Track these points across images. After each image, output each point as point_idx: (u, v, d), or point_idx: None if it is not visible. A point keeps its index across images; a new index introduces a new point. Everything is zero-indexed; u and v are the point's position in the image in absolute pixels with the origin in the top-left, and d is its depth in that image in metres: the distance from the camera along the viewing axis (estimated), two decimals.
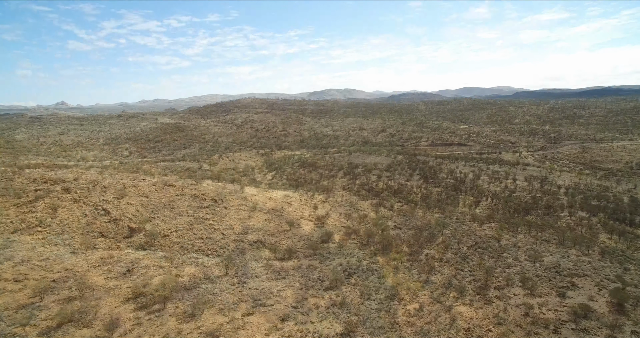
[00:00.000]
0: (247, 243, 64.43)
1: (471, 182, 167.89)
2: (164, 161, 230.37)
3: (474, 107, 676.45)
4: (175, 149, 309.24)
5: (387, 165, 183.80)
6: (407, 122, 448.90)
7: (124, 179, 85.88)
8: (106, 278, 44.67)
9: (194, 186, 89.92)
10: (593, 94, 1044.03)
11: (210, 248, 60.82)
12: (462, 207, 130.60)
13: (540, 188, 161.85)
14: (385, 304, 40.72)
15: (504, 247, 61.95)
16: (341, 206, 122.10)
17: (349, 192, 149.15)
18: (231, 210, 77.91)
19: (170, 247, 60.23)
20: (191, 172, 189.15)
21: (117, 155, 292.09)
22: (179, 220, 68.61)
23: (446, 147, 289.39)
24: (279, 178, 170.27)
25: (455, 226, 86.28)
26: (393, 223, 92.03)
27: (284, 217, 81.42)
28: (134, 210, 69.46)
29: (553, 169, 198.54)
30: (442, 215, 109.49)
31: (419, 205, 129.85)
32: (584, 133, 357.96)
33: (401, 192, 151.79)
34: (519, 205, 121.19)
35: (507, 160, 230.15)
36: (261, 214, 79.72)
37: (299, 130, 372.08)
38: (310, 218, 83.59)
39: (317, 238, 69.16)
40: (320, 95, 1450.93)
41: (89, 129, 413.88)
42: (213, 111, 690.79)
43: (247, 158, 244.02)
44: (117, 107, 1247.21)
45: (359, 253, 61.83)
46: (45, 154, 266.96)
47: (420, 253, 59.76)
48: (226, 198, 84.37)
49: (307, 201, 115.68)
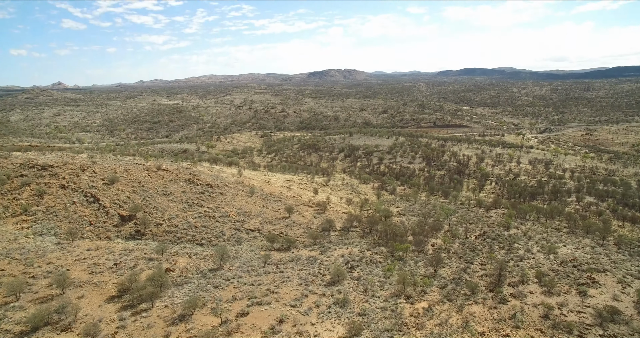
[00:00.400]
0: (244, 231, 61.26)
1: (474, 165, 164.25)
2: (161, 143, 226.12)
3: (476, 88, 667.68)
4: (173, 130, 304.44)
5: (388, 147, 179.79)
6: (409, 103, 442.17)
7: (115, 164, 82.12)
8: (91, 273, 41.51)
9: (189, 170, 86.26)
10: (597, 75, 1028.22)
11: (204, 238, 57.64)
12: (465, 191, 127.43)
13: (545, 171, 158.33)
14: (392, 302, 37.65)
15: (514, 236, 58.75)
16: (342, 190, 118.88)
17: (350, 175, 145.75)
18: (227, 196, 74.49)
19: (163, 236, 57.02)
20: (188, 154, 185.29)
21: (114, 137, 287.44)
22: (172, 208, 65.24)
23: (448, 128, 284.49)
24: (278, 161, 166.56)
25: (461, 212, 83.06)
26: (396, 208, 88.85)
27: (283, 203, 78.13)
28: (125, 196, 66.00)
29: (558, 152, 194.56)
30: (446, 200, 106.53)
31: (421, 189, 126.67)
32: (588, 115, 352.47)
33: (403, 175, 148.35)
34: (524, 190, 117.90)
35: (511, 143, 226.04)
36: (259, 200, 76.36)
37: (299, 111, 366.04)
38: (310, 204, 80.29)
39: (318, 226, 65.98)
40: (320, 75, 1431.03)
41: (86, 110, 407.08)
42: (212, 92, 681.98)
43: (246, 139, 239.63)
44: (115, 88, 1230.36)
45: (361, 242, 58.72)
46: (40, 136, 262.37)
47: (426, 243, 56.61)
48: (222, 183, 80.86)
49: (307, 185, 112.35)
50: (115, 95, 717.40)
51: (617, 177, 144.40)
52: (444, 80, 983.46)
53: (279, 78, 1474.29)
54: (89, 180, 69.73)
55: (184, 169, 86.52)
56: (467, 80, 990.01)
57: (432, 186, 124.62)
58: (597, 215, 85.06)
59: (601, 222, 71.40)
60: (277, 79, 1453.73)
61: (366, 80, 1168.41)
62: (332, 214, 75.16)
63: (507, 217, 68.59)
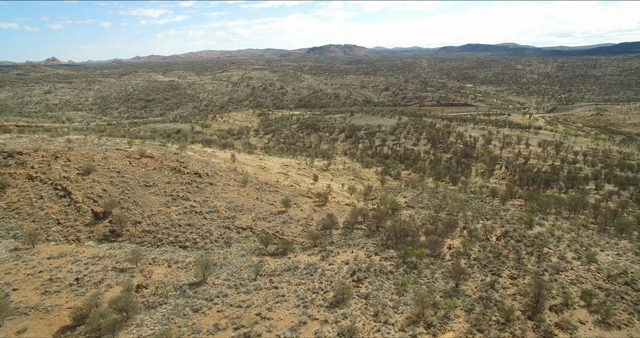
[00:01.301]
0: (234, 230, 54.07)
1: (482, 147, 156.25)
2: (155, 122, 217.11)
3: (479, 65, 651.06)
4: (168, 108, 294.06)
5: (391, 128, 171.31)
6: (411, 80, 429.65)
7: (94, 150, 74.13)
8: (44, 294, 34.40)
9: (177, 156, 78.40)
10: (603, 51, 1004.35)
11: (189, 239, 50.50)
12: (474, 176, 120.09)
13: (556, 154, 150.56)
14: (409, 332, 30.78)
15: (541, 237, 51.68)
16: (343, 175, 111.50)
17: (352, 158, 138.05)
18: (218, 187, 66.99)
19: (141, 237, 49.85)
20: (182, 135, 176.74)
21: (106, 116, 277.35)
22: (154, 202, 57.83)
23: (452, 107, 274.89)
24: (276, 142, 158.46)
25: (474, 204, 75.87)
26: (403, 199, 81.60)
27: (280, 193, 70.75)
28: (101, 189, 58.46)
29: (568, 133, 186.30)
30: (455, 187, 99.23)
31: (427, 174, 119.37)
32: (597, 93, 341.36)
33: (408, 157, 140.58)
34: (537, 176, 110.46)
35: (518, 123, 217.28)
36: (253, 190, 68.89)
37: (298, 88, 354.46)
38: (310, 195, 72.92)
39: (318, 222, 58.79)
40: (319, 51, 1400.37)
41: (78, 88, 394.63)
42: (209, 68, 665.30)
43: (243, 118, 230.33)
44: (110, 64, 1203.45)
45: (368, 243, 51.70)
46: (29, 115, 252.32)
47: (441, 245, 49.58)
48: (213, 171, 73.21)
49: (306, 170, 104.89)
50: (110, 71, 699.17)
51: (633, 161, 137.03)
52: (446, 57, 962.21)
53: (278, 54, 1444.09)
54: (61, 170, 62.02)
55: (171, 155, 78.66)
56: (469, 56, 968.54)
57: (439, 170, 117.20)
58: (621, 207, 77.87)
59: (635, 217, 64.26)
60: (276, 54, 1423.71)
61: (367, 56, 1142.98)
62: (334, 206, 67.92)
63: (528, 213, 61.35)
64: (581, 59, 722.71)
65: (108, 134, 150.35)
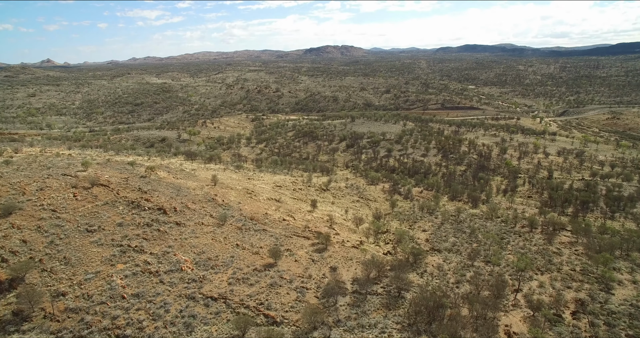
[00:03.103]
0: (201, 301, 38.50)
1: (497, 157, 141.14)
2: (140, 128, 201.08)
3: (479, 66, 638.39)
4: (157, 113, 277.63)
5: (397, 135, 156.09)
6: (411, 81, 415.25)
7: (32, 175, 58.32)
8: None
9: (142, 181, 62.73)
10: (602, 51, 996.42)
11: (132, 321, 34.90)
12: (495, 194, 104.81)
13: (580, 165, 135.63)
14: None
15: (636, 315, 36.37)
16: (346, 195, 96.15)
17: (354, 172, 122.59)
18: (187, 228, 51.36)
19: (61, 321, 34.24)
20: (166, 144, 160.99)
21: (90, 121, 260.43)
22: (93, 257, 42.23)
23: (458, 110, 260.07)
24: (270, 153, 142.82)
25: (512, 241, 60.61)
26: (423, 234, 66.14)
27: (268, 233, 55.22)
28: (19, 240, 42.79)
29: (587, 140, 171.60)
30: (476, 211, 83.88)
31: (442, 191, 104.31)
32: (606, 95, 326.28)
33: (417, 171, 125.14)
34: (570, 194, 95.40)
35: (530, 128, 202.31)
36: (233, 231, 53.25)
37: (294, 91, 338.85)
38: (307, 234, 57.31)
39: (319, 282, 43.35)
40: (317, 52, 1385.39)
41: (66, 90, 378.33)
42: (204, 69, 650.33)
43: (235, 124, 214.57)
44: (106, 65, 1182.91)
45: (388, 323, 36.37)
46: (6, 120, 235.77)
47: (496, 329, 34.22)
48: (184, 204, 57.56)
49: (302, 191, 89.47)
50: (103, 73, 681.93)
51: None
52: (445, 57, 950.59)
53: (275, 55, 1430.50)
54: None
55: (135, 180, 62.96)
56: (468, 57, 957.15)
57: (455, 188, 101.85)
58: None
59: None
60: (272, 55, 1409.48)
61: (364, 57, 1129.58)
62: (338, 251, 52.44)
63: (602, 269, 45.65)
64: (583, 59, 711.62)
65: (81, 145, 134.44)
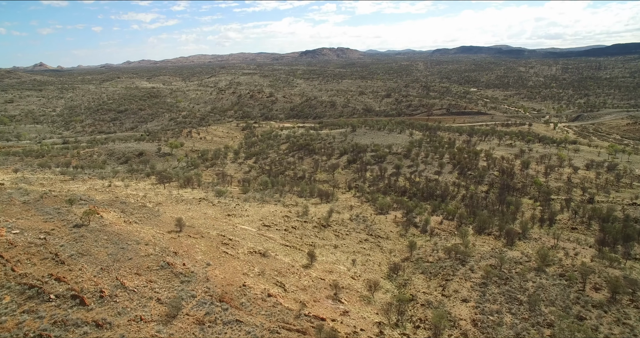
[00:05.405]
0: None
1: (520, 172, 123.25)
2: (118, 140, 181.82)
3: (478, 67, 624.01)
4: (141, 120, 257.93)
5: (404, 148, 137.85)
6: (411, 84, 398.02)
7: None
8: None
9: (74, 235, 43.92)
10: (597, 52, 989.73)
11: None
12: (531, 225, 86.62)
13: (616, 182, 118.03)
14: None
15: None
16: (352, 232, 77.25)
17: (359, 196, 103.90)
18: (114, 332, 32.55)
19: None
20: (144, 159, 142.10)
21: (68, 130, 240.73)
22: None
23: (464, 116, 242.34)
24: (259, 170, 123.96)
25: (606, 327, 42.23)
26: (465, 307, 47.72)
27: (244, 327, 36.46)
28: None
29: (616, 150, 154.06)
30: (519, 255, 65.44)
31: (466, 221, 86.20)
32: (619, 98, 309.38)
33: (432, 193, 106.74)
34: (629, 227, 77.55)
35: (546, 136, 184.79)
36: (189, 330, 34.42)
37: (289, 95, 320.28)
38: (302, 324, 38.48)
39: None
40: (312, 54, 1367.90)
41: (48, 96, 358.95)
42: (197, 73, 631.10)
43: (224, 133, 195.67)
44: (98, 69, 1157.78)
45: None
46: None
47: None
48: (120, 278, 38.79)
49: (296, 230, 70.63)
50: (93, 77, 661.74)
51: None
52: (442, 59, 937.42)
53: (270, 57, 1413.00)
54: None
55: (56, 239, 44.15)
56: (465, 58, 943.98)
57: (482, 217, 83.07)
58: None
59: None
60: (268, 58, 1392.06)
61: (360, 59, 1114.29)
62: None
63: None
64: (583, 60, 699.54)
65: (40, 163, 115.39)
